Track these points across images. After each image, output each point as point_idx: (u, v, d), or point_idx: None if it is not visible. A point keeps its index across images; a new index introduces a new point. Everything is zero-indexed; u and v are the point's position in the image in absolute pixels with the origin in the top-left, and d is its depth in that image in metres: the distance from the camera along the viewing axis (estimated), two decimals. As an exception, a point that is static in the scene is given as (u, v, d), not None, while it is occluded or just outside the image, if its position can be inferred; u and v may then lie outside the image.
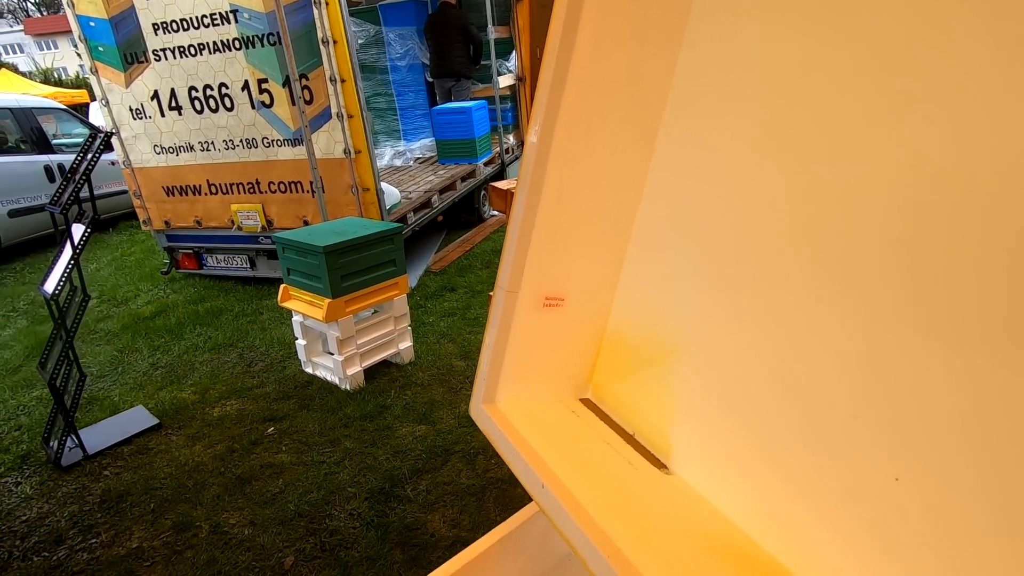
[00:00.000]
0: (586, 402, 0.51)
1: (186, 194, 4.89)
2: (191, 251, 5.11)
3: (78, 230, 2.54)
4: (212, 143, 4.63)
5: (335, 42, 3.81)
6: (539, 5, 1.82)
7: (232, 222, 4.83)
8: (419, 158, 6.85)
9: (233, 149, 4.60)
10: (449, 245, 5.75)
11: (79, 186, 2.47)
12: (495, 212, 6.83)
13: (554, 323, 0.44)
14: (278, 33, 3.91)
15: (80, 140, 8.22)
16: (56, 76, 22.65)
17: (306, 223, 4.47)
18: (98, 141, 2.53)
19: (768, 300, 0.47)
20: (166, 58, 4.42)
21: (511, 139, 7.15)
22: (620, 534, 0.37)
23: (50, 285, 2.51)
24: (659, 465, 0.47)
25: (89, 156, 2.49)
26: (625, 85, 0.55)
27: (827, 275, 0.48)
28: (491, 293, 2.29)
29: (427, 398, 3.02)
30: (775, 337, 0.45)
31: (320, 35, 3.80)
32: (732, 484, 0.44)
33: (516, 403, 0.41)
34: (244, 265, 4.98)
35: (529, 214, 0.45)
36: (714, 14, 0.54)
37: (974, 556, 0.46)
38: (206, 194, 4.85)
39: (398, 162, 6.82)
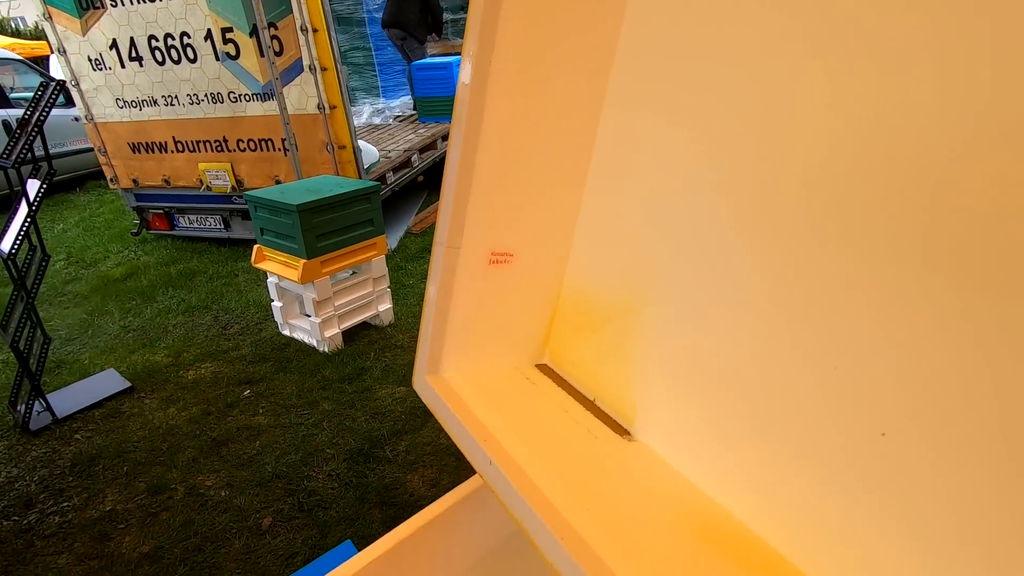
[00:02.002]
0: (543, 367, 0.47)
1: (152, 151, 4.69)
2: (162, 211, 4.93)
3: (33, 186, 2.41)
4: (176, 97, 4.41)
5: (305, -12, 3.60)
6: None
7: (201, 182, 4.65)
8: (399, 116, 6.64)
9: (198, 104, 4.39)
10: (430, 206, 5.64)
11: (31, 139, 2.33)
12: (477, 173, 6.69)
13: (503, 282, 0.40)
14: (244, -23, 3.68)
15: (39, 94, 7.81)
16: (13, 26, 21.36)
17: (278, 183, 4.31)
18: (49, 90, 2.37)
19: (733, 252, 0.43)
20: (123, 3, 4.14)
21: (493, 97, 6.94)
22: (574, 510, 0.34)
23: (6, 244, 2.39)
24: (622, 432, 0.44)
25: (41, 107, 2.33)
26: (575, 10, 0.49)
27: (792, 224, 0.44)
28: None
29: (407, 360, 2.99)
30: (741, 291, 0.41)
31: (289, -21, 3.58)
32: (700, 449, 0.41)
33: (464, 372, 0.37)
34: (218, 226, 4.83)
35: (467, 160, 0.40)
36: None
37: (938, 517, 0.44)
38: (172, 152, 4.65)
39: (377, 120, 6.60)
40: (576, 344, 0.43)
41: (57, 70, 9.49)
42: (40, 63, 10.44)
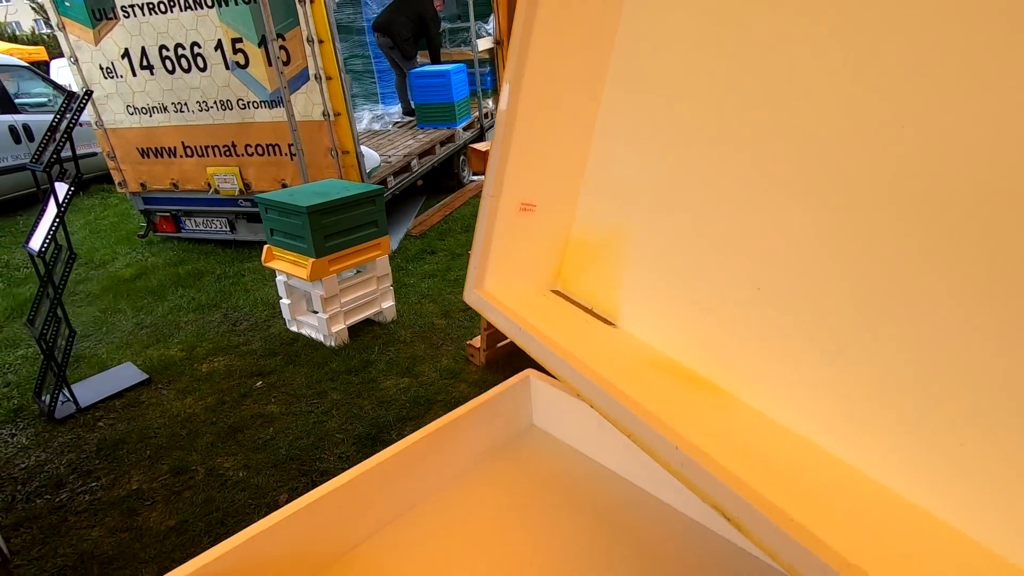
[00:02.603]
0: (555, 292, 0.62)
1: (161, 156, 4.85)
2: (168, 214, 5.09)
3: (61, 189, 2.57)
4: (186, 104, 4.58)
5: (312, 1, 3.79)
6: None
7: (209, 185, 4.82)
8: (398, 122, 6.82)
9: (207, 111, 4.56)
10: (429, 210, 5.82)
11: (61, 144, 2.49)
12: (475, 177, 6.88)
13: (528, 226, 0.54)
14: (253, -9, 3.86)
15: (43, 100, 7.93)
16: (10, 31, 21.45)
17: (284, 186, 4.49)
18: (79, 99, 2.54)
19: (692, 193, 0.57)
20: (135, 15, 4.32)
21: (490, 104, 7.15)
22: (586, 356, 0.49)
23: (36, 243, 2.55)
24: (610, 324, 0.59)
25: (70, 114, 2.50)
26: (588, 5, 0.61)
27: (743, 165, 0.57)
28: (470, 252, 2.42)
29: (409, 354, 3.16)
30: (702, 219, 0.56)
31: (297, -7, 3.77)
32: (667, 330, 0.56)
33: (500, 289, 0.52)
34: (224, 228, 4.99)
35: (508, 127, 0.53)
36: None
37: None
38: (181, 156, 4.81)
39: (376, 126, 6.79)
40: (580, 274, 0.56)
41: (59, 76, 9.62)
42: (39, 68, 10.56)
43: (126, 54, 4.50)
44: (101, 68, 4.61)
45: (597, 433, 0.62)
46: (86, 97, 2.58)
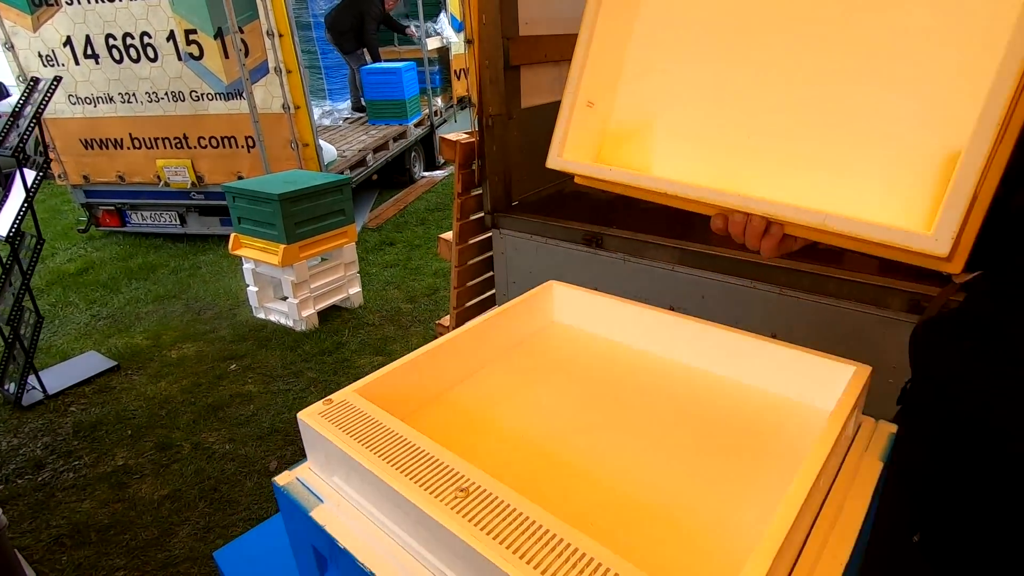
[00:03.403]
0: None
1: (106, 148, 4.73)
2: (113, 208, 4.96)
3: (29, 175, 2.57)
4: (134, 95, 4.51)
5: (272, -4, 3.86)
6: None
7: (158, 178, 4.74)
8: (348, 118, 6.88)
9: (157, 102, 4.51)
10: (383, 204, 5.94)
11: (29, 131, 2.50)
12: (426, 173, 7.04)
13: (589, 117, 0.76)
14: (209, -17, 3.89)
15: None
16: None
17: (240, 178, 4.50)
18: (49, 84, 2.55)
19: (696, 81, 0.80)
20: (79, 2, 4.22)
21: (439, 102, 7.32)
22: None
23: (3, 228, 2.54)
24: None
25: (40, 98, 2.51)
26: None
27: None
28: (441, 236, 2.62)
29: (380, 335, 3.33)
30: (704, 107, 0.77)
31: (257, -12, 3.83)
32: (683, 170, 0.77)
33: (572, 158, 0.73)
34: (174, 222, 4.92)
35: (583, 55, 0.75)
36: None
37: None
38: (128, 148, 4.72)
39: (326, 121, 6.82)
40: (617, 150, 0.77)
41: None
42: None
43: (68, 42, 4.37)
44: (40, 56, 4.46)
45: (608, 318, 0.87)
46: (55, 83, 2.59)
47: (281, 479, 0.67)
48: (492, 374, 0.81)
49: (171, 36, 4.22)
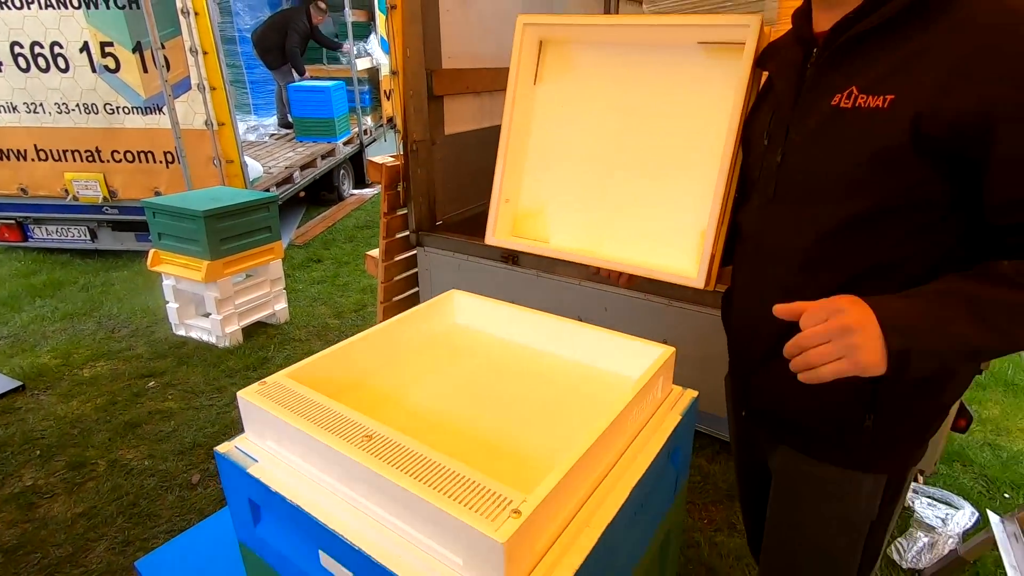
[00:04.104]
0: (516, 236, 1.11)
1: (8, 159, 4.48)
2: (13, 221, 4.68)
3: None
4: (41, 105, 4.33)
5: (196, 14, 3.88)
6: (409, 16, 2.38)
7: (66, 191, 4.55)
8: (274, 134, 6.83)
9: (67, 113, 4.35)
10: (311, 221, 5.94)
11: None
12: (355, 191, 7.09)
13: (508, 209, 1.04)
14: (128, -3, 3.86)
15: None
16: None
17: (158, 194, 4.40)
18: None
19: (578, 181, 1.10)
20: (-19, 7, 4.03)
21: (368, 121, 7.42)
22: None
23: None
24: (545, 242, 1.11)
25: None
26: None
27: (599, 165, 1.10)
28: (368, 253, 2.77)
29: (306, 350, 3.38)
30: (588, 190, 1.07)
31: (180, 5, 3.83)
32: (568, 239, 1.07)
33: (500, 237, 1.00)
34: (83, 237, 4.71)
35: (501, 167, 1.07)
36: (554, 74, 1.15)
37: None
38: (33, 160, 4.50)
39: (251, 137, 6.73)
40: (523, 227, 1.10)
41: None
42: None
43: (-34, 48, 4.14)
44: (-68, 60, 4.19)
45: (496, 320, 1.08)
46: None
47: (221, 448, 0.81)
48: (401, 364, 0.99)
49: (85, 47, 4.12)
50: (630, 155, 1.01)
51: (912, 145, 0.70)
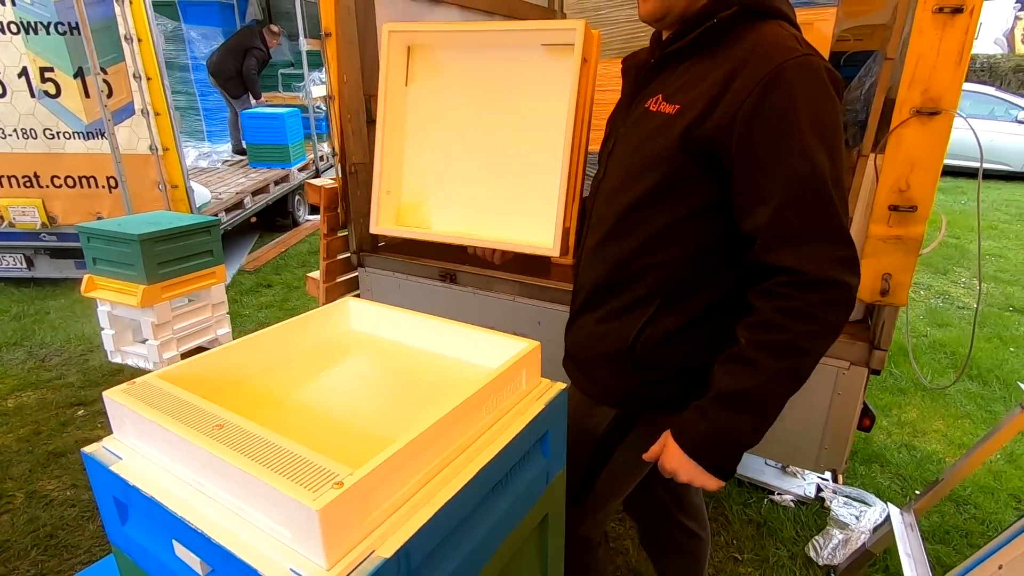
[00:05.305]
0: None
1: (-62, 185, 4.33)
2: (-59, 249, 4.50)
3: None
4: (-23, 130, 4.22)
5: (140, 40, 3.88)
6: (345, 42, 2.45)
7: (1, 218, 4.41)
8: (227, 160, 6.79)
9: (4, 138, 4.26)
10: (263, 247, 5.88)
11: None
12: (310, 217, 7.06)
13: (390, 199, 1.10)
14: (68, 23, 3.85)
15: None
16: None
17: (100, 218, 4.32)
18: None
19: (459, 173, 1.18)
20: (-87, 30, 3.94)
21: (325, 147, 7.45)
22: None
23: None
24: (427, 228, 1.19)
25: None
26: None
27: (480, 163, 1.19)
28: (309, 275, 2.78)
29: (248, 374, 3.33)
30: (462, 181, 1.15)
31: (123, 31, 3.84)
32: (448, 224, 1.14)
33: (383, 226, 1.08)
34: (19, 265, 4.56)
35: (379, 161, 1.15)
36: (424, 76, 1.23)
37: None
38: (-35, 185, 4.36)
39: (204, 163, 6.68)
40: (406, 217, 1.18)
41: None
42: None
43: None
44: None
45: (391, 325, 1.12)
46: None
47: (89, 449, 0.82)
48: (286, 366, 1.02)
49: (24, 72, 4.06)
50: (495, 146, 1.17)
51: (680, 146, 0.91)
